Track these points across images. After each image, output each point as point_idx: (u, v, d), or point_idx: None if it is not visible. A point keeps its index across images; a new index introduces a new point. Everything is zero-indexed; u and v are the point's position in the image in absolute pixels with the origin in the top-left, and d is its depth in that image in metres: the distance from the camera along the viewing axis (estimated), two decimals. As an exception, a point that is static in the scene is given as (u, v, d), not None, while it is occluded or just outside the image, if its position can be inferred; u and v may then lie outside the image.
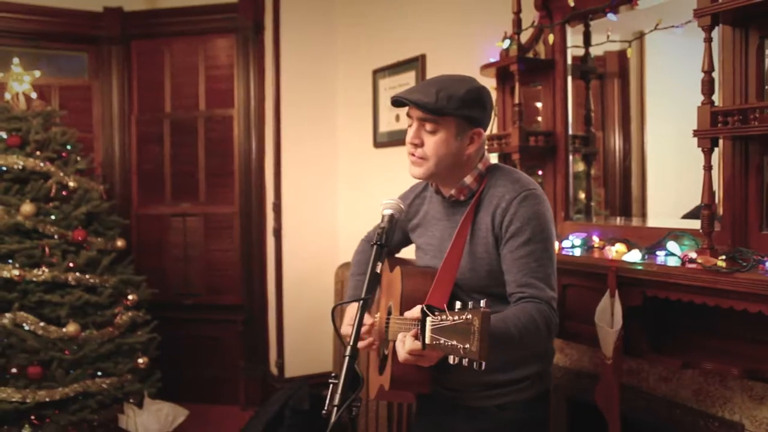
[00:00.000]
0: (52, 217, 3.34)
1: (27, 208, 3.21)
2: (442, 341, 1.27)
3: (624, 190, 2.67)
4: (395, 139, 3.82)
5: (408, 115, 1.69)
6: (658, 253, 2.06)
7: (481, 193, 1.71)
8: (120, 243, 3.67)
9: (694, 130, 1.85)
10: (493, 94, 2.86)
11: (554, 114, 2.59)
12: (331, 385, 1.29)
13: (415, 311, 1.37)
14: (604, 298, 2.03)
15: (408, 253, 2.06)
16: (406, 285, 1.70)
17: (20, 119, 3.40)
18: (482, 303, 1.27)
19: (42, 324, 3.17)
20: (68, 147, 3.57)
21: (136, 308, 3.66)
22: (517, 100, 2.53)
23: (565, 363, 2.61)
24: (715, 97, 1.87)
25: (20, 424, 3.12)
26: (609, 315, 2.00)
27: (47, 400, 3.10)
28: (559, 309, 2.34)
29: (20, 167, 3.29)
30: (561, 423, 2.66)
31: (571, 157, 2.59)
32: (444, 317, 1.27)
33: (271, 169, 4.46)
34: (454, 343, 1.24)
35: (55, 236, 3.31)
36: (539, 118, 2.68)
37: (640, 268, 1.95)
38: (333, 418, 1.23)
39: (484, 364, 1.23)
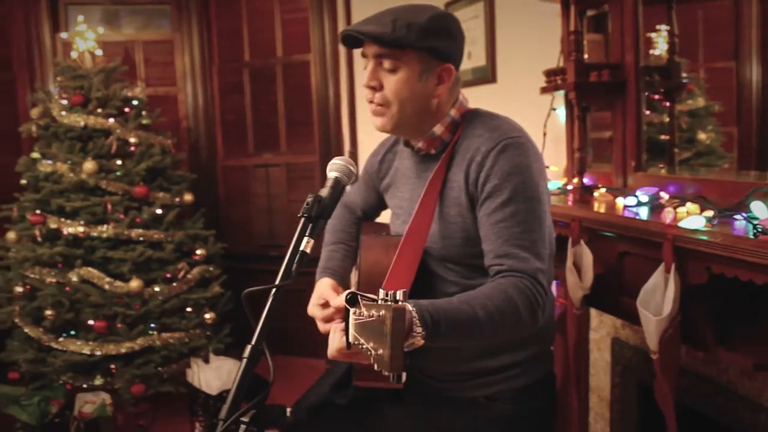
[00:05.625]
0: (117, 173, 3.35)
1: (89, 165, 3.23)
2: (362, 343, 1.02)
3: (762, 129, 2.16)
4: (470, 78, 3.43)
5: (363, 54, 1.40)
6: (737, 216, 1.60)
7: (454, 144, 1.41)
8: (188, 197, 3.64)
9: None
10: (558, 23, 2.43)
11: (622, 43, 2.11)
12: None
13: (341, 299, 1.11)
14: (655, 273, 1.62)
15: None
16: (364, 260, 1.44)
17: (83, 77, 3.40)
18: (399, 294, 1.01)
19: (108, 279, 3.22)
20: (134, 102, 3.54)
21: (206, 262, 3.64)
22: (572, 27, 2.08)
23: (635, 341, 2.21)
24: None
25: (92, 374, 3.23)
26: (660, 296, 1.59)
27: (114, 353, 3.18)
28: (615, 281, 1.95)
29: (82, 126, 3.31)
30: (630, 410, 2.27)
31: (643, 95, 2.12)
32: (363, 311, 1.01)
33: (346, 117, 4.22)
34: (372, 345, 0.99)
35: (118, 192, 3.32)
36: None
37: (703, 237, 1.51)
38: (215, 437, 1.01)
39: (404, 376, 1.01)
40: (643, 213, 1.89)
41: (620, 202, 2.01)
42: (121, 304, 3.22)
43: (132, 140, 3.39)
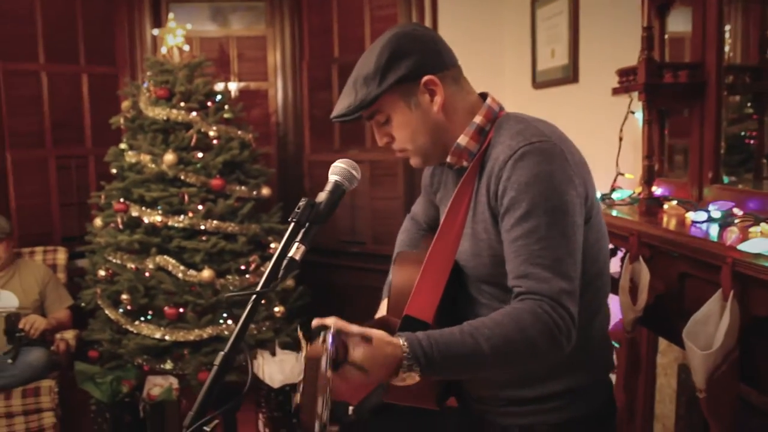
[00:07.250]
0: (197, 165, 3.44)
1: (169, 157, 3.34)
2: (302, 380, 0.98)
3: None
4: (552, 78, 3.25)
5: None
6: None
7: (483, 154, 1.29)
8: (265, 191, 3.69)
9: None
10: (638, 17, 2.22)
11: (703, 40, 1.89)
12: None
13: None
14: (710, 301, 1.43)
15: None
16: (395, 276, 1.36)
17: (169, 72, 3.53)
18: (329, 335, 0.97)
19: (182, 268, 3.32)
20: (218, 98, 3.64)
21: (280, 256, 3.68)
22: (645, 23, 1.90)
23: (704, 372, 1.98)
24: None
25: (164, 358, 3.35)
26: (713, 327, 1.40)
27: (182, 340, 3.28)
28: (675, 304, 1.76)
29: (165, 118, 3.43)
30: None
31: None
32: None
33: (428, 115, 4.13)
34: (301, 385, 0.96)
35: (196, 184, 3.42)
36: None
37: (764, 263, 1.32)
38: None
39: (317, 426, 0.94)
40: (713, 231, 1.68)
41: (690, 216, 1.81)
42: (194, 292, 3.32)
43: (211, 133, 3.47)
